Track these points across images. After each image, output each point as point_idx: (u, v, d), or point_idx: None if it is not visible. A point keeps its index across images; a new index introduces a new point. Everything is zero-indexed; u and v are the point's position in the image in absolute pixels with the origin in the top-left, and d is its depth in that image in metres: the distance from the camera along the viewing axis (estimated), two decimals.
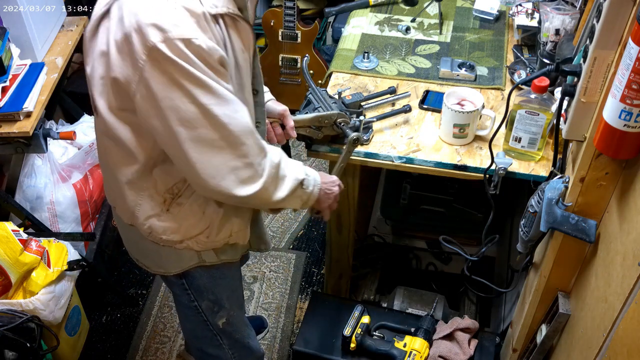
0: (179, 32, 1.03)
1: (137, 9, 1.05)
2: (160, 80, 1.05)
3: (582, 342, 1.24)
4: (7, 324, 1.66)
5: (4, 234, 1.71)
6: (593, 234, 1.21)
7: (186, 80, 1.05)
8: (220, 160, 1.13)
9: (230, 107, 1.11)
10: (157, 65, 1.04)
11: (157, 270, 1.44)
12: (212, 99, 1.08)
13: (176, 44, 1.03)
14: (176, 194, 1.26)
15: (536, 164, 1.59)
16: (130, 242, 1.44)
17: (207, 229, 1.32)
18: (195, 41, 1.04)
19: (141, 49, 1.04)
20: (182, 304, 1.51)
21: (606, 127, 1.04)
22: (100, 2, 1.14)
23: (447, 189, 2.24)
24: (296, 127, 1.55)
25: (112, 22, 1.09)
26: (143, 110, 1.10)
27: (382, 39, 2.08)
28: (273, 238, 2.61)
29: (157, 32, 1.03)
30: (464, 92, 1.66)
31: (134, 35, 1.04)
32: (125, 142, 1.18)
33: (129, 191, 1.25)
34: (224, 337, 1.56)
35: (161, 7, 1.04)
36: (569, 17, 1.68)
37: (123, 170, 1.23)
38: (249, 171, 1.17)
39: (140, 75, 1.05)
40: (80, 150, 2.27)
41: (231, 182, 1.16)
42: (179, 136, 1.09)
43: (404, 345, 1.64)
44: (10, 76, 1.85)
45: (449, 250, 2.24)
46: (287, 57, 2.96)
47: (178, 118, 1.08)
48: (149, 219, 1.29)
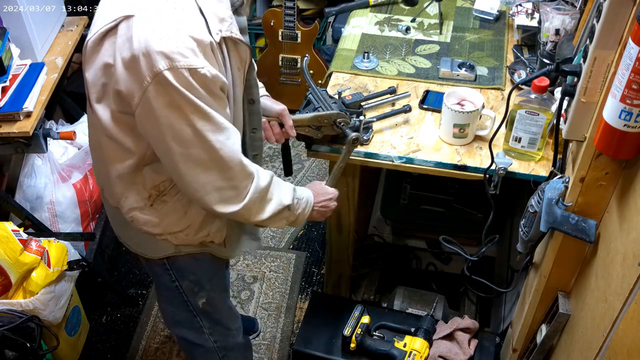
0: (186, 62, 1.08)
1: (147, 35, 1.08)
2: (161, 101, 1.10)
3: (582, 342, 1.24)
4: (7, 324, 1.66)
5: (4, 234, 1.71)
6: (593, 234, 1.21)
7: (186, 105, 1.11)
8: (207, 179, 1.21)
9: (224, 134, 1.18)
10: (161, 88, 1.09)
11: (136, 250, 1.48)
12: (208, 125, 1.15)
13: (182, 73, 1.08)
14: (161, 191, 1.32)
15: (536, 164, 1.59)
16: (116, 222, 1.48)
17: (187, 228, 1.37)
18: (200, 70, 1.10)
19: (147, 72, 1.08)
20: (162, 285, 1.53)
21: (606, 127, 1.04)
22: (106, 16, 1.15)
23: (447, 189, 2.24)
24: (295, 127, 1.55)
25: (120, 40, 1.12)
26: (142, 121, 1.15)
27: (382, 39, 2.08)
28: (273, 238, 2.62)
29: (164, 60, 1.07)
30: (464, 92, 1.66)
31: (142, 59, 1.08)
32: (120, 140, 1.23)
33: (118, 183, 1.30)
34: (203, 318, 1.58)
35: (170, 35, 1.09)
36: (569, 17, 1.68)
37: (115, 165, 1.27)
38: (231, 192, 1.25)
39: (143, 92, 1.10)
40: (80, 150, 2.27)
41: (213, 199, 1.24)
42: (172, 150, 1.16)
43: (404, 345, 1.64)
44: (10, 76, 1.85)
45: (449, 250, 2.24)
46: (287, 57, 2.96)
47: (173, 135, 1.14)
48: (132, 210, 1.33)
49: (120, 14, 1.12)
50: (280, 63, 2.97)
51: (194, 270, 1.49)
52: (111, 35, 1.14)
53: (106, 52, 1.15)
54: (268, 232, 2.64)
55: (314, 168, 2.89)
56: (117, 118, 1.20)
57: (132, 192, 1.31)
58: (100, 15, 1.19)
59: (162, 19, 1.10)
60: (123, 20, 1.12)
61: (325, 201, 1.50)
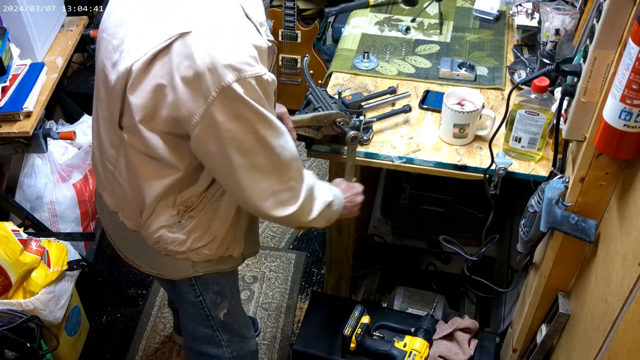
0: (252, 71, 1.08)
1: (211, 50, 1.07)
2: (225, 114, 1.10)
3: (582, 342, 1.24)
4: (7, 324, 1.66)
5: (4, 234, 1.71)
6: (593, 234, 1.21)
7: (251, 115, 1.12)
8: (266, 185, 1.22)
9: (283, 138, 1.20)
10: (227, 102, 1.08)
11: (150, 271, 1.48)
12: (269, 131, 1.16)
13: (249, 82, 1.08)
14: (189, 207, 1.31)
15: (536, 164, 1.59)
16: (129, 245, 1.45)
17: (211, 243, 1.37)
18: (264, 77, 1.11)
19: (213, 87, 1.07)
20: (187, 301, 1.52)
21: (606, 127, 1.04)
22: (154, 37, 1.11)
23: (447, 189, 2.24)
24: (295, 128, 1.55)
25: (177, 59, 1.08)
26: (201, 138, 1.14)
27: (382, 39, 2.08)
28: (273, 238, 2.62)
29: (232, 72, 1.07)
30: (464, 92, 1.66)
31: (207, 75, 1.06)
32: (164, 158, 1.21)
33: (151, 201, 1.28)
34: (223, 332, 1.58)
35: (234, 46, 1.08)
36: (569, 17, 1.68)
37: (153, 183, 1.25)
38: (288, 194, 1.26)
39: (206, 109, 1.09)
40: (80, 150, 2.27)
41: (271, 204, 1.24)
42: (234, 163, 1.16)
43: (404, 345, 1.64)
44: (10, 76, 1.85)
45: (449, 250, 2.24)
46: (287, 57, 2.96)
47: (236, 146, 1.14)
48: (160, 229, 1.32)
49: (173, 33, 1.09)
50: (280, 63, 2.97)
51: (217, 280, 1.49)
52: (163, 55, 1.10)
53: (158, 74, 1.11)
54: (268, 232, 2.64)
55: (314, 168, 2.89)
56: (164, 138, 1.18)
57: (163, 209, 1.30)
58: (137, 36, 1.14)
59: (222, 31, 1.09)
60: (178, 39, 1.08)
61: (352, 195, 1.50)
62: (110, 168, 1.32)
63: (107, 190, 1.38)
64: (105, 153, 1.31)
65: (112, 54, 1.18)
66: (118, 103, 1.19)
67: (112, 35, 1.19)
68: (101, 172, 1.36)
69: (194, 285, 1.47)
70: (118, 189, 1.33)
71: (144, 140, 1.18)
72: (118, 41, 1.17)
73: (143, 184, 1.26)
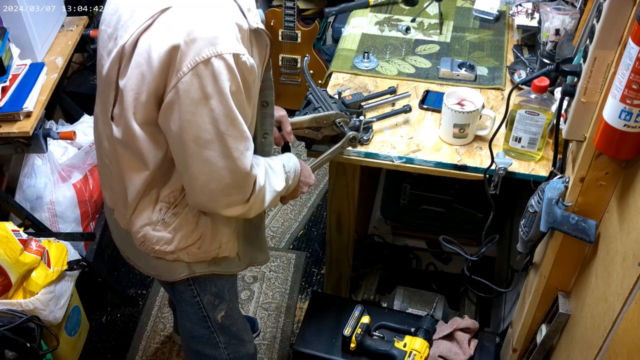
0: (231, 48, 1.06)
1: (191, 23, 1.05)
2: (192, 94, 1.07)
3: (582, 342, 1.24)
4: (7, 324, 1.66)
5: (4, 234, 1.71)
6: (593, 234, 1.21)
7: (217, 101, 1.08)
8: (216, 185, 1.18)
9: (243, 144, 1.16)
10: (199, 79, 1.06)
11: (148, 272, 1.47)
12: (232, 131, 1.13)
13: (226, 58, 1.06)
14: (172, 202, 1.29)
15: (536, 164, 1.59)
16: (126, 243, 1.45)
17: (199, 240, 1.35)
18: (242, 57, 1.08)
19: (188, 60, 1.05)
20: (184, 301, 1.51)
21: (606, 127, 1.04)
22: (140, 17, 1.10)
23: (447, 189, 2.24)
24: (295, 129, 1.55)
25: (156, 33, 1.08)
26: (166, 112, 1.12)
27: (382, 39, 2.08)
28: (273, 238, 2.62)
29: (210, 47, 1.05)
30: (464, 92, 1.66)
31: (184, 47, 1.05)
32: (141, 151, 1.20)
33: (133, 197, 1.27)
34: (220, 334, 1.58)
35: (215, 22, 1.07)
36: (569, 17, 1.68)
37: (133, 177, 1.24)
38: (238, 197, 1.23)
39: (177, 80, 1.07)
40: (80, 150, 2.27)
41: (221, 204, 1.23)
42: (188, 149, 1.14)
43: (404, 345, 1.64)
44: (10, 76, 1.85)
45: (449, 250, 2.24)
46: (287, 57, 2.96)
47: (193, 133, 1.11)
48: (143, 227, 1.31)
49: (155, 10, 1.08)
50: (280, 63, 2.97)
51: (215, 282, 1.48)
52: (146, 34, 1.09)
53: (140, 52, 1.09)
54: (268, 232, 2.64)
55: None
56: (144, 129, 1.17)
57: (145, 206, 1.28)
58: (127, 20, 1.13)
59: (203, 7, 1.07)
60: (160, 14, 1.08)
61: (304, 183, 1.47)
62: (107, 162, 1.31)
63: (105, 186, 1.38)
64: (102, 147, 1.31)
65: (107, 43, 1.18)
66: (112, 93, 1.18)
67: (107, 25, 1.19)
68: (100, 167, 1.37)
69: (192, 285, 1.46)
70: (113, 184, 1.33)
71: (127, 130, 1.17)
72: (112, 29, 1.17)
73: (126, 179, 1.26)
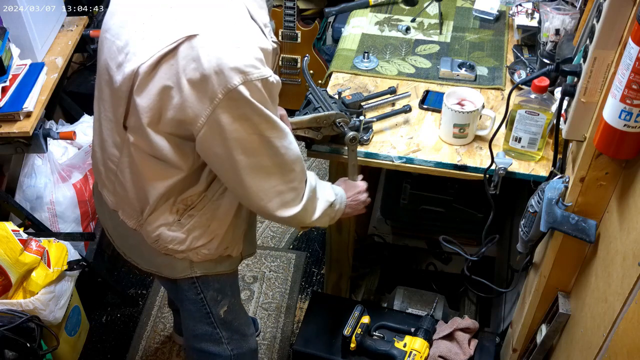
0: (258, 74, 1.10)
1: (217, 52, 1.07)
2: (231, 116, 1.11)
3: (582, 342, 1.24)
4: (7, 324, 1.66)
5: (4, 234, 1.71)
6: (593, 234, 1.21)
7: (256, 116, 1.13)
8: (270, 185, 1.23)
9: (287, 139, 1.21)
10: (232, 103, 1.10)
11: (148, 269, 1.48)
12: (274, 132, 1.18)
13: (255, 84, 1.09)
14: (189, 205, 1.32)
15: (536, 164, 1.59)
16: (127, 243, 1.46)
17: (210, 242, 1.38)
18: (270, 79, 1.12)
19: (220, 89, 1.08)
20: (187, 299, 1.52)
21: (606, 127, 1.04)
22: (160, 39, 1.12)
23: (447, 189, 2.24)
24: (295, 129, 1.55)
25: (183, 61, 1.09)
26: (207, 140, 1.15)
27: (382, 39, 2.08)
28: (273, 238, 2.62)
29: (238, 75, 1.08)
30: (464, 92, 1.66)
31: (214, 77, 1.07)
32: (168, 159, 1.22)
33: (154, 200, 1.29)
34: (223, 329, 1.59)
35: (241, 49, 1.09)
36: (569, 17, 1.68)
37: (156, 183, 1.26)
38: (291, 195, 1.28)
39: (212, 110, 1.10)
40: (80, 150, 2.27)
41: (275, 205, 1.26)
42: (239, 164, 1.18)
43: (404, 345, 1.64)
44: (10, 76, 1.85)
45: (449, 250, 2.24)
46: (287, 57, 2.96)
47: (241, 148, 1.15)
48: (159, 228, 1.33)
49: (179, 35, 1.09)
50: (280, 63, 2.97)
51: (218, 278, 1.50)
52: (170, 57, 1.11)
53: (164, 76, 1.11)
54: (268, 232, 2.64)
55: (314, 168, 2.89)
56: (169, 139, 1.19)
57: (164, 208, 1.31)
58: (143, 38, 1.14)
59: (228, 34, 1.10)
60: (185, 41, 1.09)
61: (355, 194, 1.53)
62: (112, 167, 1.32)
63: (108, 189, 1.38)
64: (107, 152, 1.31)
65: (117, 55, 1.19)
66: (123, 104, 1.19)
67: (116, 36, 1.20)
68: (102, 171, 1.37)
69: (195, 283, 1.48)
70: (119, 188, 1.34)
71: (149, 141, 1.19)
72: (122, 42, 1.18)
73: (146, 184, 1.27)
